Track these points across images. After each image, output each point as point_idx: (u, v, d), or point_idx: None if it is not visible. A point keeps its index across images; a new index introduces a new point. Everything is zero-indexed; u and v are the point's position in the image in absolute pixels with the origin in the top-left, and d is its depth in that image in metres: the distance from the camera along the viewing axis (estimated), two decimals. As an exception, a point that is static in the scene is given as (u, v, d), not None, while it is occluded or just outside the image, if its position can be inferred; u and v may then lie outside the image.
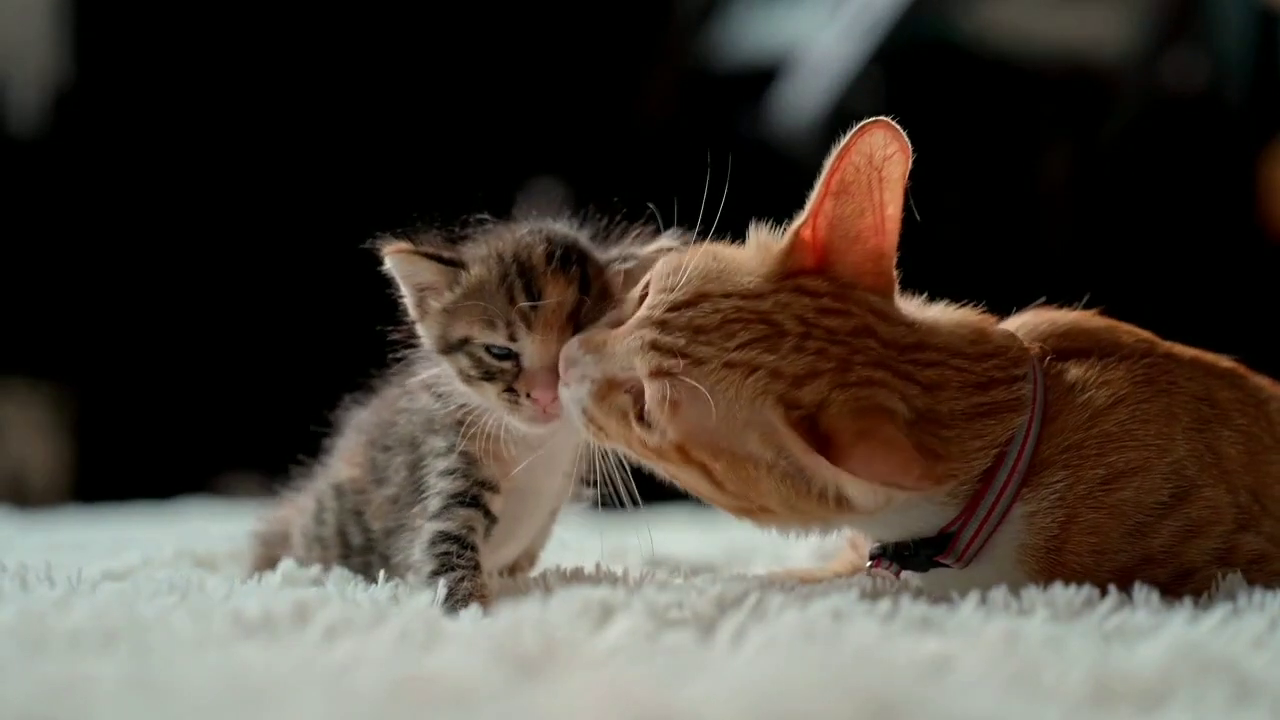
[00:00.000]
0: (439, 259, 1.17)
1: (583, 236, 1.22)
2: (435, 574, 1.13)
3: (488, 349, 1.15)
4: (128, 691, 0.81)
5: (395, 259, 1.17)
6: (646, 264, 1.21)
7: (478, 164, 3.61)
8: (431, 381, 1.21)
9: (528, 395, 1.15)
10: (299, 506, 1.36)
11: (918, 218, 1.17)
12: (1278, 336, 2.76)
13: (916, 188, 1.23)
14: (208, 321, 3.89)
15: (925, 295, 1.27)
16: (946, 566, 1.17)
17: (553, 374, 1.15)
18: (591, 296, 1.17)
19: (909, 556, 1.19)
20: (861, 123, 1.14)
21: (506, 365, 1.15)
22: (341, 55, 3.96)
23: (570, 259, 1.17)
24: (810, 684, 0.81)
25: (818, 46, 3.36)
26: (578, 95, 3.92)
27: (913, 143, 1.16)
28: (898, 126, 1.14)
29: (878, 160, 1.14)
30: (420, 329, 1.20)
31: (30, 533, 2.19)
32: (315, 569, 1.27)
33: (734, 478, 1.12)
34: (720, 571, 1.37)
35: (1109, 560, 1.15)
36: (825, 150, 1.20)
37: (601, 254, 1.21)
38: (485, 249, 1.18)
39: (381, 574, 1.18)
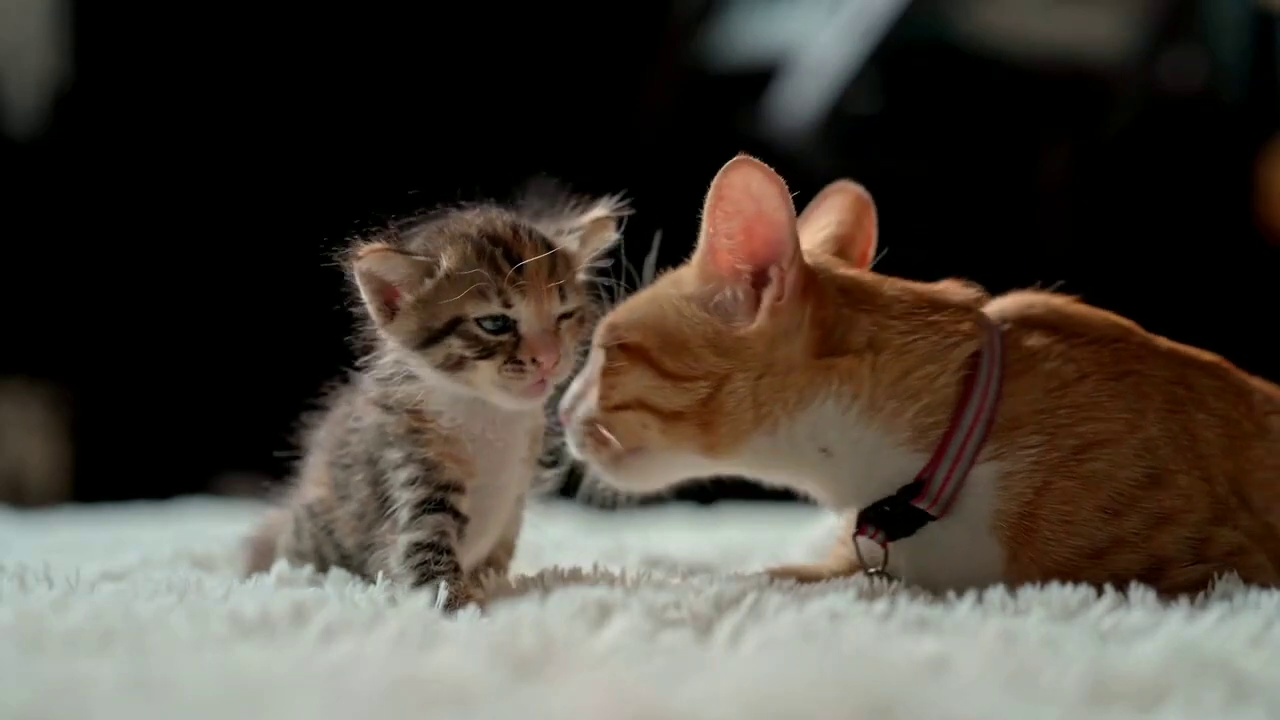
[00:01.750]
0: (412, 253, 1.17)
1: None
2: (417, 585, 1.13)
3: (480, 323, 1.15)
4: (126, 692, 0.82)
5: (375, 259, 1.16)
6: (586, 234, 1.23)
7: (476, 163, 3.61)
8: (379, 396, 1.21)
9: (533, 360, 1.15)
10: (284, 516, 1.36)
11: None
12: (1275, 336, 2.76)
13: (913, 188, 1.25)
14: (206, 322, 3.89)
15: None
16: (928, 518, 1.20)
17: (551, 336, 1.16)
18: (559, 257, 1.18)
19: (890, 514, 1.21)
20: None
21: (505, 337, 1.15)
22: (340, 54, 3.96)
23: (529, 227, 1.19)
24: (808, 684, 0.81)
25: (816, 46, 3.36)
26: (576, 94, 3.93)
27: (911, 143, 1.20)
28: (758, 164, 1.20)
29: (755, 194, 1.20)
30: (390, 330, 1.18)
31: (28, 533, 2.19)
32: (309, 569, 1.27)
33: (671, 354, 1.23)
34: (717, 571, 1.37)
35: (1079, 534, 1.17)
36: (824, 150, 1.22)
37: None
38: (443, 237, 1.18)
39: (379, 575, 1.18)
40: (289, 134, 3.93)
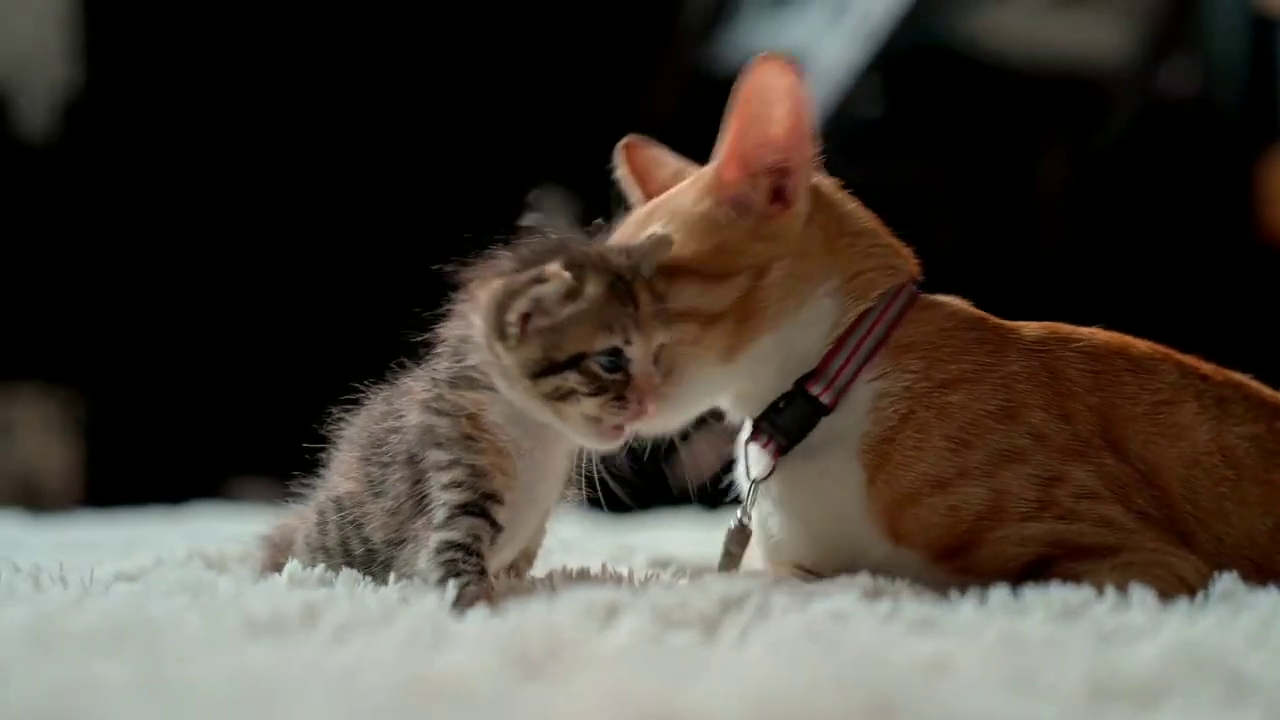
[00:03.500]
0: (581, 279, 1.18)
1: None
2: (442, 581, 1.14)
3: (598, 358, 1.16)
4: (138, 691, 0.82)
5: (562, 280, 1.16)
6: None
7: (484, 173, 3.63)
8: (431, 399, 1.22)
9: (639, 401, 1.17)
10: (303, 515, 1.36)
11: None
12: (1273, 341, 2.77)
13: (917, 193, 1.28)
14: (218, 326, 3.90)
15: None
16: (818, 417, 1.27)
17: (653, 375, 1.20)
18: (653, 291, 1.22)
19: (783, 409, 1.28)
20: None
21: (617, 376, 1.17)
22: (349, 63, 3.97)
23: (633, 263, 1.22)
24: (812, 684, 0.82)
25: (820, 52, 3.37)
26: (583, 103, 3.94)
27: (912, 146, 1.25)
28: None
29: (776, 89, 1.29)
30: (509, 353, 1.18)
31: (43, 534, 2.20)
32: (320, 569, 1.27)
33: (711, 257, 1.28)
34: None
35: (926, 460, 1.23)
36: (831, 155, 1.27)
37: None
38: (569, 259, 1.18)
39: (391, 575, 1.19)
40: (299, 138, 3.94)
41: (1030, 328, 1.31)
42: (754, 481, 1.33)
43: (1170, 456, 1.26)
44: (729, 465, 1.41)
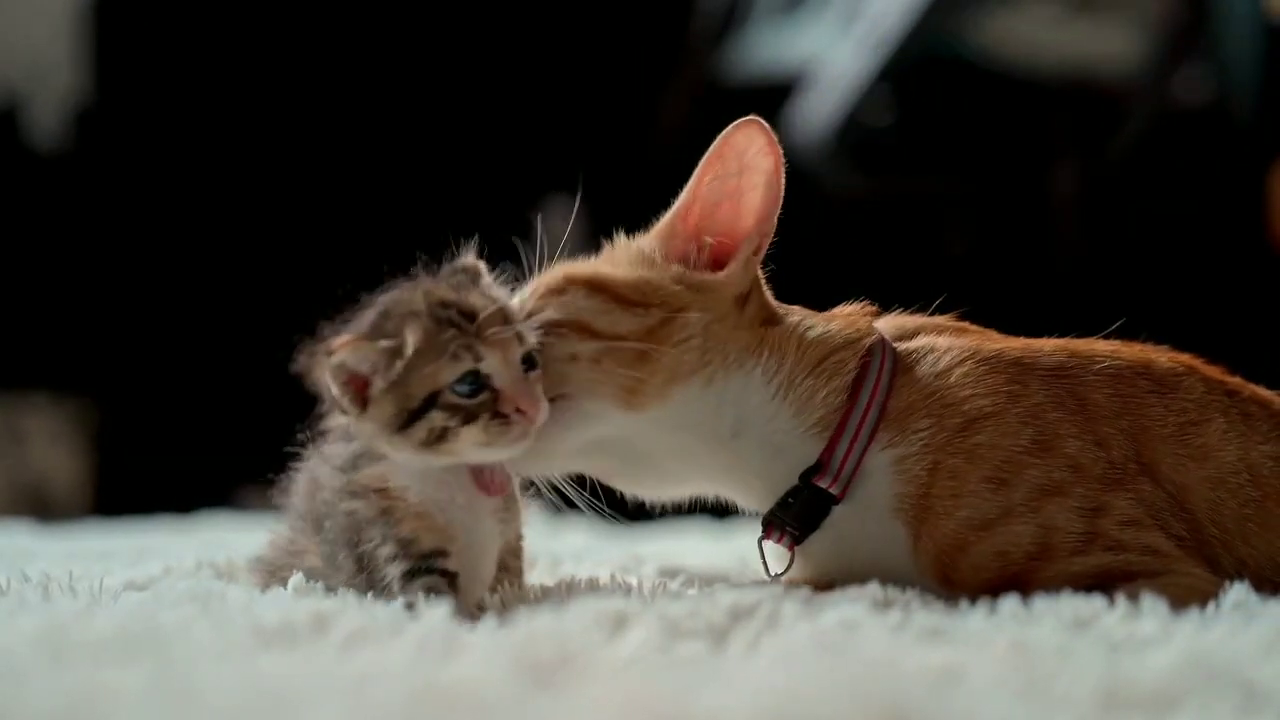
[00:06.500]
0: (381, 339, 1.17)
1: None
2: None
3: (455, 389, 1.15)
4: (149, 701, 0.83)
5: (348, 352, 1.16)
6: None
7: (494, 182, 3.63)
8: (343, 485, 1.22)
9: (517, 410, 1.16)
10: (292, 540, 1.35)
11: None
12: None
13: (930, 202, 1.27)
14: (228, 335, 3.91)
15: (936, 307, 1.31)
16: (830, 506, 1.24)
17: (525, 383, 1.17)
18: (505, 306, 1.20)
19: (793, 504, 1.25)
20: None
21: (483, 397, 1.16)
22: (358, 73, 3.99)
23: (468, 280, 1.21)
24: (822, 694, 0.82)
25: (832, 61, 3.37)
26: (594, 112, 3.94)
27: (922, 156, 1.23)
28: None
29: (754, 161, 1.28)
30: (365, 419, 1.18)
31: (53, 544, 2.20)
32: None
33: (629, 285, 1.26)
34: (733, 581, 1.37)
35: (967, 505, 1.20)
36: (839, 164, 1.24)
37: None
38: (394, 319, 1.17)
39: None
40: (307, 146, 3.96)
41: (1046, 349, 1.28)
42: (775, 577, 1.30)
43: (1198, 478, 1.24)
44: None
